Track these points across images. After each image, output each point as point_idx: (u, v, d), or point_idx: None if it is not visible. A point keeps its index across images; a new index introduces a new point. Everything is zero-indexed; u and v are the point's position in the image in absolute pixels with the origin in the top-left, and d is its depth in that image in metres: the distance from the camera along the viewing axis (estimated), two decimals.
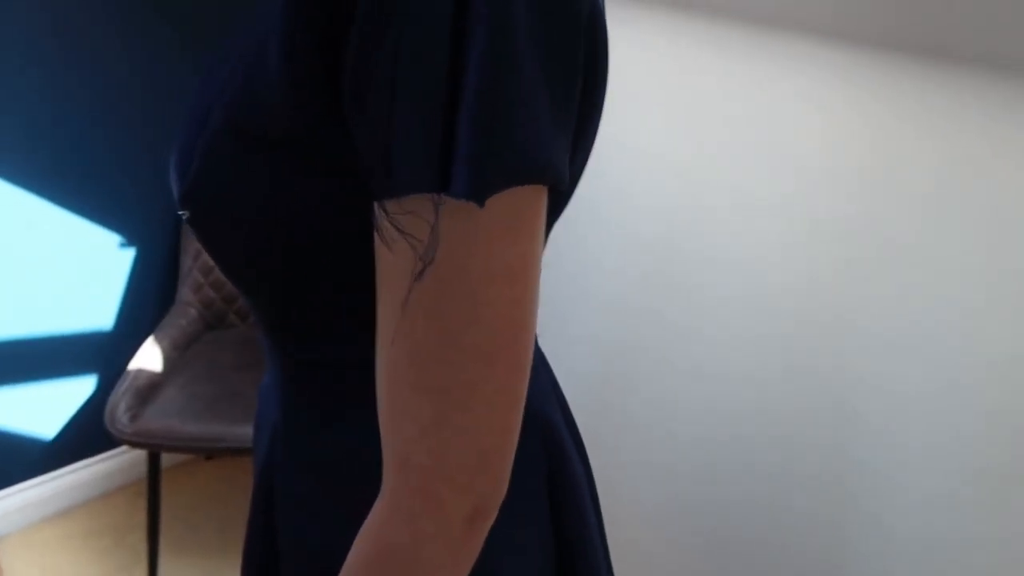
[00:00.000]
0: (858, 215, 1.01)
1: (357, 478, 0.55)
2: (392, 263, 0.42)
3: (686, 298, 1.24)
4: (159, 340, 1.67)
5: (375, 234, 0.43)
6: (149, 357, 1.63)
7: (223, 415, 1.52)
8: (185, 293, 1.79)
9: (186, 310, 1.77)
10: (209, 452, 1.49)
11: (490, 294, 0.41)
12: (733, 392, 1.21)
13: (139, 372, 1.59)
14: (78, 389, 1.85)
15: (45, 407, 1.81)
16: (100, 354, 1.84)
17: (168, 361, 1.65)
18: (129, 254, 1.79)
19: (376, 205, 0.42)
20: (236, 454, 1.49)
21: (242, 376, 1.64)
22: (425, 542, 0.44)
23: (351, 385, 0.56)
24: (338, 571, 0.53)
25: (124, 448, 1.98)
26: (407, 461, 0.44)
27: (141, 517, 1.91)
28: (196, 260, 1.78)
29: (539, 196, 0.43)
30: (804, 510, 1.17)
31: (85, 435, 1.90)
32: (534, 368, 0.49)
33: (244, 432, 1.48)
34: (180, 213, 0.51)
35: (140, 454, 2.00)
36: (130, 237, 1.78)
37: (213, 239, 0.51)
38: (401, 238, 0.41)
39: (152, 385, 1.59)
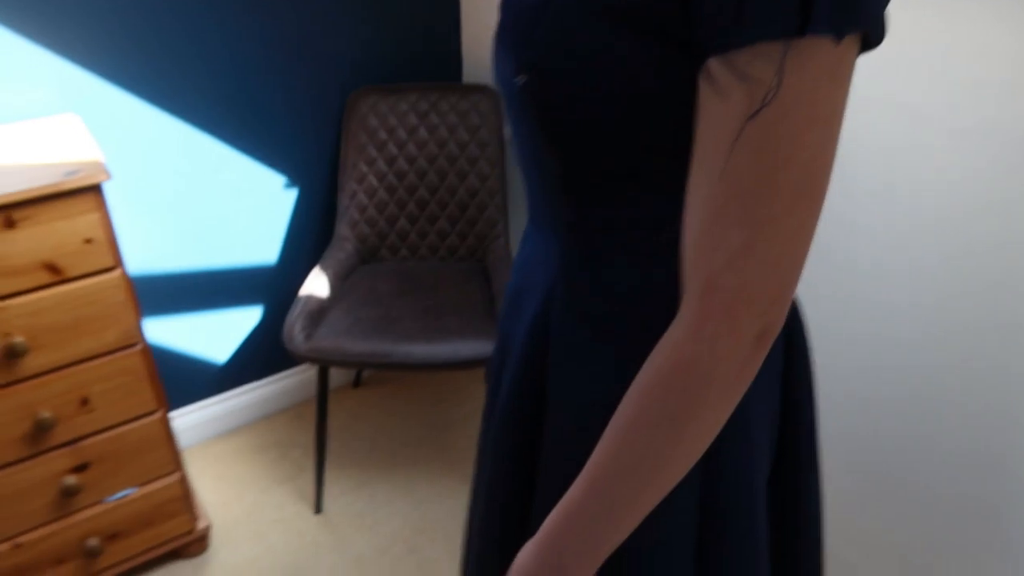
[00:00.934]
0: None
1: (631, 332, 0.64)
2: (723, 111, 0.49)
3: (851, 221, 1.30)
4: (323, 270, 1.84)
5: (703, 89, 0.50)
6: (317, 284, 1.79)
7: (386, 335, 1.67)
8: (343, 229, 1.94)
9: (343, 245, 1.93)
10: (374, 367, 1.64)
11: (809, 136, 0.47)
12: (896, 316, 1.27)
13: (309, 298, 1.75)
14: (248, 317, 2.04)
15: (219, 333, 2.01)
16: (267, 286, 2.03)
17: (332, 289, 1.82)
18: (292, 194, 1.96)
19: (714, 59, 0.48)
20: (398, 369, 1.64)
21: (400, 302, 1.78)
22: (721, 359, 0.52)
23: (631, 245, 0.63)
24: (606, 422, 0.61)
25: (286, 373, 2.18)
26: (714, 285, 0.51)
27: (301, 436, 2.11)
28: (352, 199, 1.94)
29: (856, 47, 0.48)
30: (963, 444, 1.22)
31: (254, 360, 2.10)
32: None
33: (404, 350, 1.63)
34: (515, 80, 0.59)
35: (298, 380, 2.19)
36: (293, 178, 1.94)
37: (542, 102, 0.58)
38: (740, 84, 0.47)
39: (321, 309, 1.76)
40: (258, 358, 2.11)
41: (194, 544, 1.74)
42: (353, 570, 1.72)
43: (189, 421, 2.05)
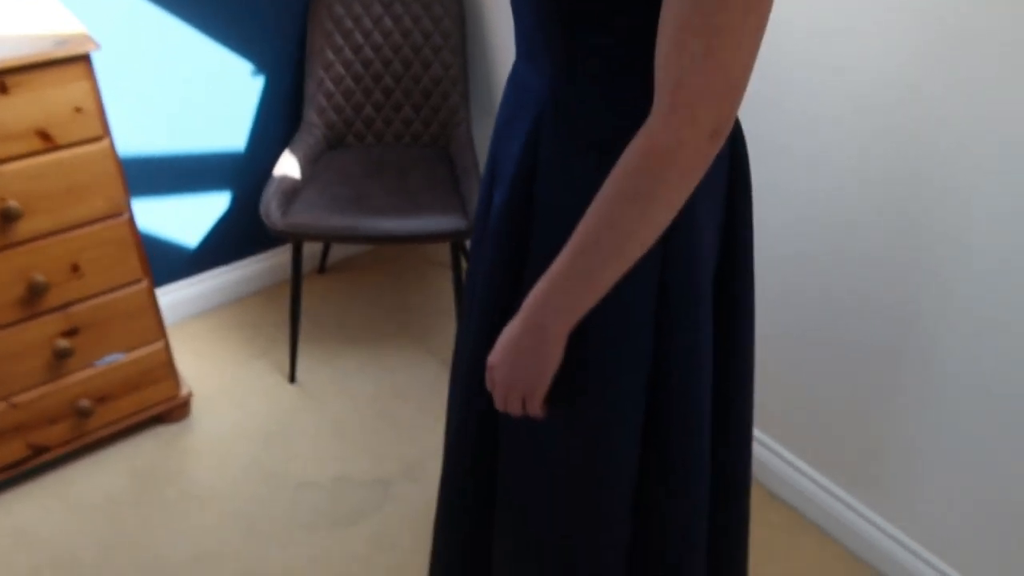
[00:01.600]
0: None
1: (613, 140, 0.76)
2: None
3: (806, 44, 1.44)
4: (294, 153, 1.92)
5: None
6: (289, 166, 1.87)
7: (358, 210, 1.77)
8: (310, 115, 2.01)
9: (312, 130, 2.01)
10: (348, 241, 1.75)
11: None
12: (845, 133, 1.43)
13: (283, 177, 1.84)
14: (220, 201, 2.11)
15: (194, 216, 2.08)
16: (239, 170, 2.10)
17: (303, 171, 1.90)
18: (260, 80, 2.01)
19: None
20: (371, 242, 1.75)
21: (369, 182, 1.88)
22: (683, 145, 0.65)
23: (613, 65, 0.75)
24: None
25: (258, 257, 2.27)
26: (680, 83, 0.63)
27: (273, 315, 2.22)
28: (319, 86, 2.00)
29: None
30: (876, 296, 1.40)
31: (227, 243, 2.19)
32: None
33: (376, 224, 1.74)
34: None
35: (269, 264, 2.29)
36: (261, 65, 2.00)
37: None
38: None
39: (294, 189, 1.84)
40: (231, 241, 2.19)
41: (177, 410, 1.86)
42: (330, 430, 1.87)
43: (168, 300, 2.13)
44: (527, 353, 0.79)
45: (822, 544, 1.62)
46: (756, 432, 1.74)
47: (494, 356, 0.83)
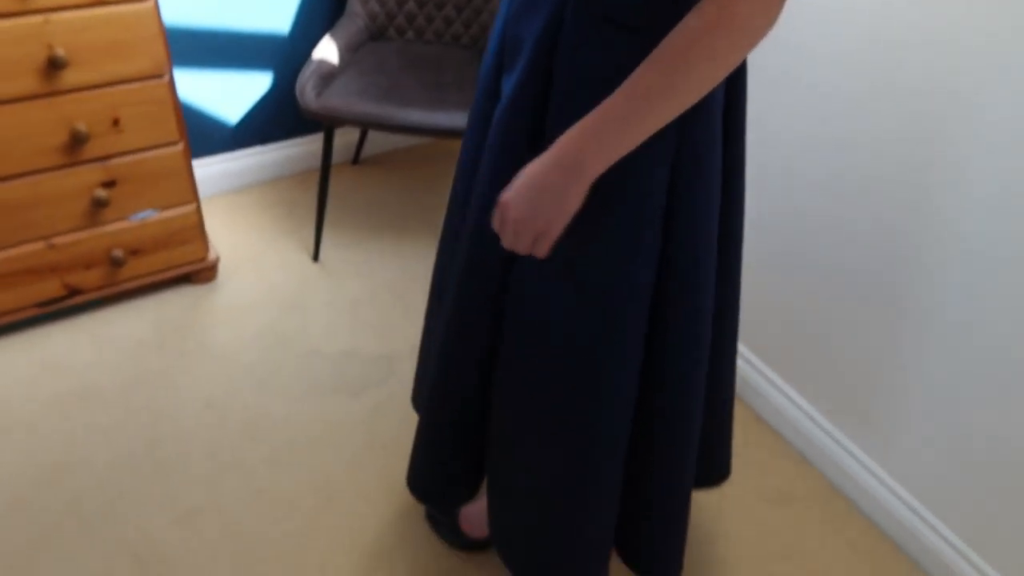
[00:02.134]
0: None
1: (644, 18, 0.80)
2: None
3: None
4: (334, 39, 1.97)
5: None
6: (328, 51, 1.93)
7: (390, 100, 1.82)
8: (354, 5, 2.05)
9: (354, 19, 2.05)
10: (377, 128, 1.81)
11: None
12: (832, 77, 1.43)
13: (321, 61, 1.89)
14: (260, 82, 2.18)
15: (234, 93, 2.16)
16: (281, 53, 2.16)
17: (342, 58, 1.95)
18: None
19: None
20: (399, 131, 1.81)
21: (404, 75, 1.93)
22: (767, 6, 0.69)
23: None
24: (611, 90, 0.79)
25: (294, 141, 2.35)
26: None
27: (304, 198, 2.31)
28: None
29: None
30: (863, 224, 1.42)
31: (265, 123, 2.27)
32: None
33: (407, 115, 1.79)
34: None
35: (304, 149, 2.37)
36: None
37: None
38: None
39: (331, 73, 1.90)
40: (270, 122, 2.27)
41: (205, 272, 1.97)
42: (344, 307, 1.97)
43: (205, 173, 2.23)
44: (552, 190, 0.81)
45: (800, 469, 1.68)
46: (751, 356, 1.79)
47: (509, 193, 0.84)
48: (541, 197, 0.82)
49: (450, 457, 1.22)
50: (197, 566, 1.40)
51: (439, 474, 1.26)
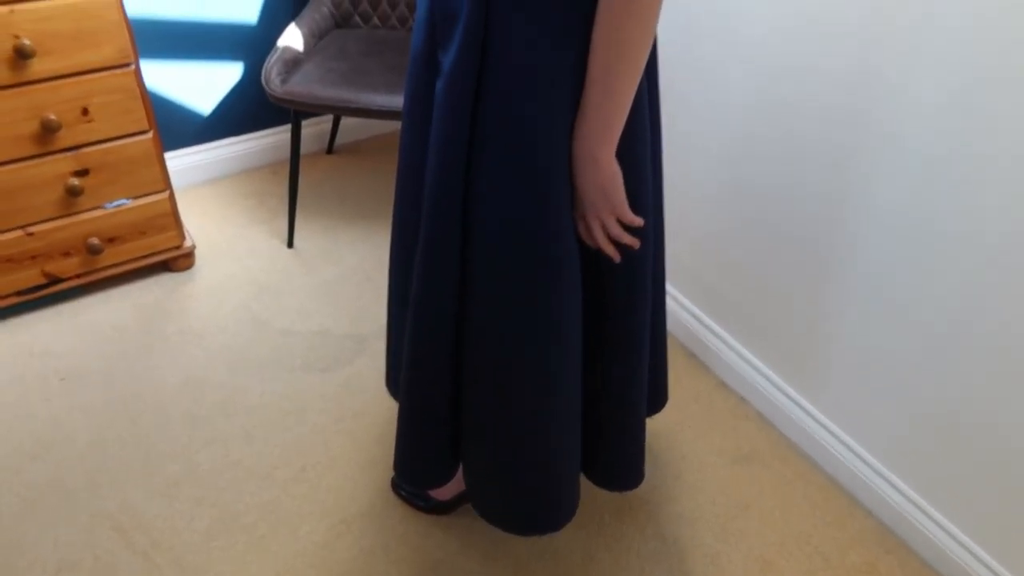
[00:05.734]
0: None
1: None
2: None
3: None
4: (299, 26, 2.02)
5: None
6: (293, 38, 1.98)
7: (353, 85, 1.88)
8: None
9: (319, 7, 2.10)
10: (341, 112, 1.86)
11: None
12: (770, 50, 1.48)
13: (286, 48, 1.95)
14: (230, 73, 2.24)
15: (205, 85, 2.21)
16: (250, 44, 2.22)
17: (307, 44, 2.01)
18: None
19: None
20: (362, 115, 1.86)
21: (368, 60, 1.98)
22: None
23: None
24: (547, 56, 0.88)
25: (265, 132, 2.40)
26: None
27: (277, 188, 2.36)
28: None
29: None
30: (814, 188, 1.47)
31: (236, 115, 2.32)
32: None
33: (371, 99, 1.84)
34: None
35: (276, 140, 2.42)
36: None
37: None
38: None
39: (296, 60, 1.95)
40: (240, 113, 2.33)
41: (181, 259, 2.02)
42: (319, 290, 2.02)
43: (179, 165, 2.29)
44: (592, 184, 0.96)
45: (761, 430, 1.74)
46: (710, 322, 1.84)
47: (577, 211, 1.00)
48: (596, 195, 0.98)
49: (433, 439, 1.28)
50: (176, 532, 1.45)
51: (424, 456, 1.31)
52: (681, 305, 1.91)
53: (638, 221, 1.01)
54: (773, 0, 1.42)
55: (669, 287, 1.93)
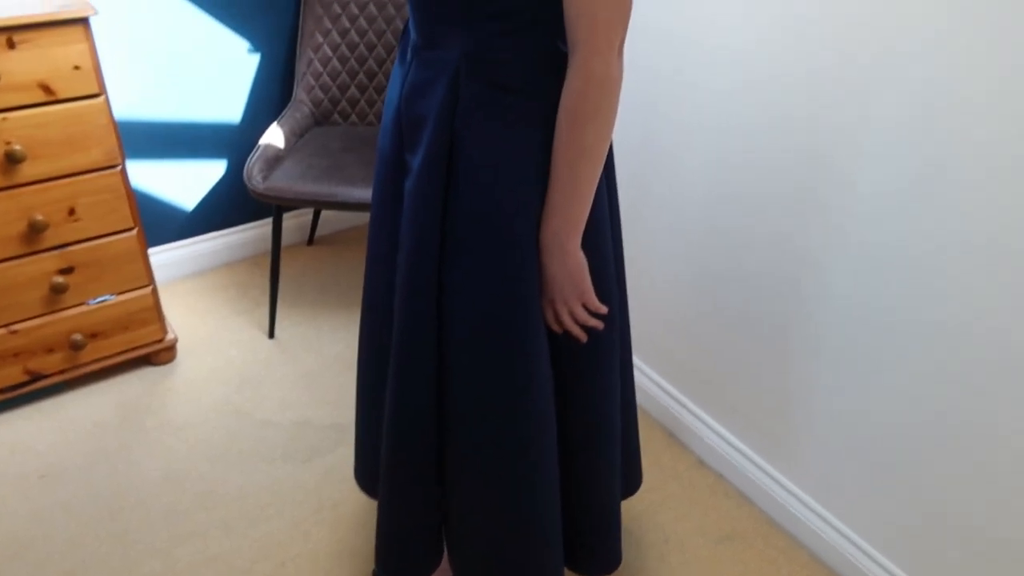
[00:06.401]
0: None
1: (528, 87, 0.96)
2: None
3: (683, 58, 1.59)
4: (280, 125, 2.10)
5: None
6: (274, 136, 2.06)
7: (333, 179, 1.95)
8: (300, 93, 2.20)
9: (300, 106, 2.19)
10: (322, 207, 1.93)
11: None
12: (727, 143, 1.57)
13: (268, 146, 2.02)
14: (214, 170, 2.31)
15: (189, 183, 2.28)
16: (233, 142, 2.30)
17: (287, 142, 2.09)
18: (255, 59, 2.21)
19: None
20: (342, 208, 1.93)
21: (347, 155, 2.06)
22: (610, 65, 0.89)
23: (520, 27, 0.94)
24: (513, 157, 0.96)
25: (248, 225, 2.46)
26: (594, 20, 0.87)
27: (259, 280, 2.40)
28: (308, 66, 2.19)
29: None
30: (762, 273, 1.54)
31: (219, 210, 2.38)
32: None
33: (350, 193, 1.91)
34: None
35: (258, 232, 2.48)
36: (256, 44, 2.19)
37: None
38: None
39: (277, 157, 2.03)
40: (223, 208, 2.39)
41: (163, 352, 2.04)
42: (301, 380, 2.04)
43: (162, 259, 2.33)
44: (561, 272, 1.02)
45: (741, 507, 1.75)
46: (685, 400, 1.87)
47: (546, 298, 1.05)
48: (563, 281, 1.03)
49: (416, 532, 1.28)
50: None
51: (407, 549, 1.30)
52: (656, 383, 1.94)
53: (603, 308, 1.06)
54: (725, 91, 1.51)
55: (645, 366, 1.97)
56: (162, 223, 2.30)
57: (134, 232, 1.84)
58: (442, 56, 0.99)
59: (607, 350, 1.15)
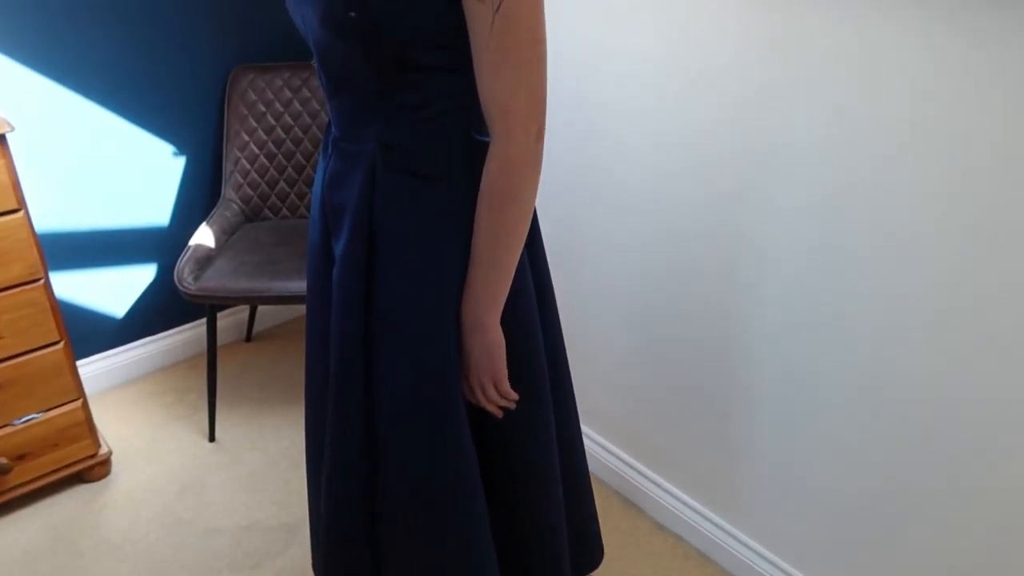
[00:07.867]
0: (736, 64, 1.40)
1: (442, 171, 0.98)
2: (482, 11, 0.85)
3: (612, 148, 1.64)
4: (210, 225, 2.09)
5: (468, 3, 0.85)
6: (204, 235, 2.04)
7: (267, 274, 1.93)
8: (228, 192, 2.20)
9: (229, 205, 2.19)
10: (255, 302, 1.90)
11: (530, 14, 0.87)
12: (653, 224, 1.62)
13: (198, 246, 2.00)
14: (144, 275, 2.27)
15: (118, 289, 2.23)
16: (162, 245, 2.26)
17: (218, 241, 2.07)
18: (182, 161, 2.20)
19: None
20: (276, 303, 1.91)
21: (279, 249, 2.05)
22: (526, 150, 0.91)
23: (434, 115, 0.96)
24: (433, 242, 0.98)
25: (181, 328, 2.41)
26: (508, 109, 0.89)
27: (196, 383, 2.34)
28: (236, 165, 2.19)
29: None
30: (697, 302, 1.58)
31: (151, 314, 2.33)
32: None
33: (285, 286, 1.90)
34: (350, 14, 0.87)
35: (192, 334, 2.42)
36: (182, 146, 2.19)
37: (368, 29, 0.88)
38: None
39: (208, 257, 2.01)
40: (155, 313, 2.34)
41: (98, 468, 1.96)
42: (245, 481, 1.97)
43: (92, 370, 2.25)
44: (479, 349, 1.02)
45: (703, 568, 1.74)
46: (637, 464, 1.87)
47: (464, 370, 1.05)
48: (480, 356, 1.03)
49: None
50: None
51: None
52: (608, 450, 1.94)
53: (512, 395, 1.07)
54: (650, 167, 1.57)
55: (596, 435, 1.96)
56: (92, 333, 2.23)
57: (60, 345, 1.78)
58: (360, 147, 1.01)
59: (539, 425, 1.15)
